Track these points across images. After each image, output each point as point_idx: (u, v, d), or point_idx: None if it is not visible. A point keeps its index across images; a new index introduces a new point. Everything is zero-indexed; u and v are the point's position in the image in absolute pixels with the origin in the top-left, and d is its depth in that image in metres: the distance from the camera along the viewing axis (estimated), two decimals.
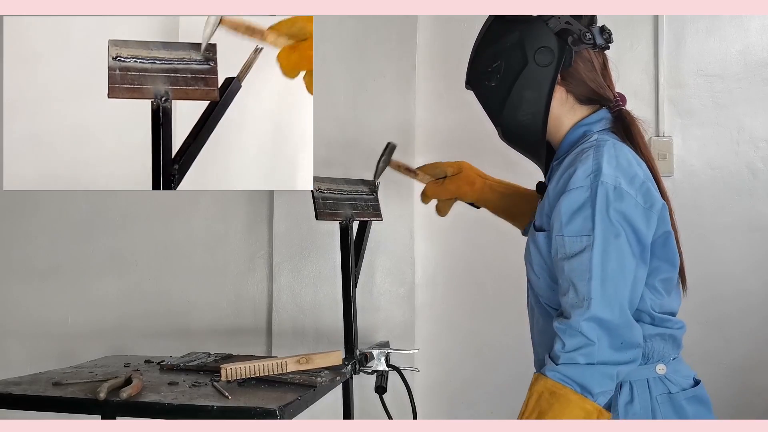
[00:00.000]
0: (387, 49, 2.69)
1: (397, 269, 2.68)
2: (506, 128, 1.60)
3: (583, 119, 1.58)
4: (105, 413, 1.69)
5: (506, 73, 1.57)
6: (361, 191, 2.20)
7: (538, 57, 1.54)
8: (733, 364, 2.61)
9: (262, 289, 2.81)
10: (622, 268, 1.40)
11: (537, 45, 1.54)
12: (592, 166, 1.43)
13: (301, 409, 1.63)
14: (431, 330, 2.74)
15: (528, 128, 1.57)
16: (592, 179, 1.42)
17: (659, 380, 1.49)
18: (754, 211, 2.64)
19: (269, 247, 2.79)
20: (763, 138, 2.65)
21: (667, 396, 1.48)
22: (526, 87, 1.55)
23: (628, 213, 1.41)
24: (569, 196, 1.43)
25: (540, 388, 1.39)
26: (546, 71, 1.54)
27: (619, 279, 1.39)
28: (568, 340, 1.37)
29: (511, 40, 1.56)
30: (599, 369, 1.36)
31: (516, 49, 1.55)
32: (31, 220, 2.94)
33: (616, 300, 1.39)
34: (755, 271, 2.62)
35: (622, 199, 1.41)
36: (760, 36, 2.67)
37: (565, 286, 1.42)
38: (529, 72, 1.54)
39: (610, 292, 1.38)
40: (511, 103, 1.57)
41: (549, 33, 1.54)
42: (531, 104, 1.55)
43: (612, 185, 1.41)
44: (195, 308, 2.84)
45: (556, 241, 1.44)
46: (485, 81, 1.60)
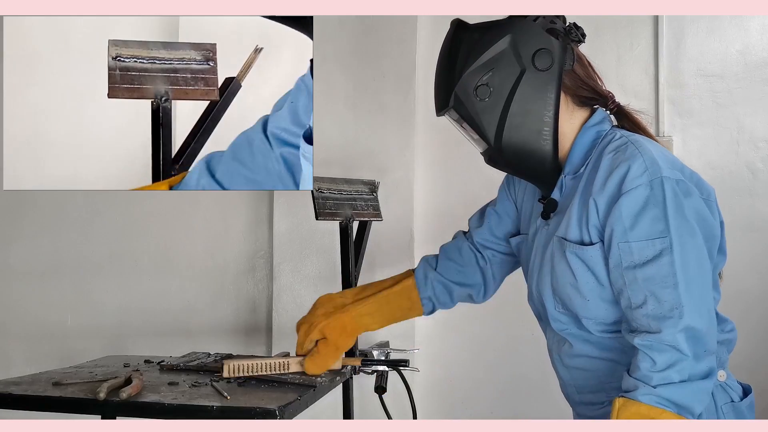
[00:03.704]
0: (387, 49, 2.69)
1: (397, 269, 2.67)
2: (508, 151, 1.40)
3: (586, 121, 1.44)
4: (105, 413, 1.69)
5: (501, 84, 1.37)
6: (361, 191, 2.20)
7: (537, 61, 1.37)
8: (733, 364, 2.60)
9: (262, 289, 2.81)
10: (702, 268, 1.27)
11: (533, 47, 1.37)
12: (645, 161, 1.29)
13: (301, 409, 1.63)
14: (431, 330, 2.74)
15: (534, 145, 1.39)
16: (651, 174, 1.27)
17: (721, 388, 1.38)
18: (754, 211, 2.64)
19: (269, 247, 2.79)
20: (763, 138, 2.65)
21: (731, 405, 1.37)
22: (528, 97, 1.37)
23: (698, 207, 1.29)
24: (629, 197, 1.27)
25: (632, 416, 1.22)
26: (549, 75, 1.37)
27: (702, 281, 1.27)
28: (658, 356, 1.22)
29: (501, 46, 1.37)
30: (696, 385, 1.23)
31: (509, 56, 1.37)
32: (31, 220, 2.94)
33: (704, 305, 1.26)
34: (755, 270, 2.62)
35: (690, 194, 1.29)
36: (760, 36, 2.67)
37: (639, 298, 1.27)
38: (529, 79, 1.37)
39: (698, 296, 1.25)
40: (512, 117, 1.38)
41: (541, 32, 1.38)
42: (535, 115, 1.38)
43: (674, 179, 1.28)
44: (195, 308, 2.85)
45: (620, 248, 1.28)
46: (476, 98, 1.39)
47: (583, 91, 1.44)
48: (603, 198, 1.32)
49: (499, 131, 1.39)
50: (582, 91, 1.44)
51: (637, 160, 1.30)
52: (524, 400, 2.65)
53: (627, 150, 1.33)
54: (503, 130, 1.39)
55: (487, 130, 1.40)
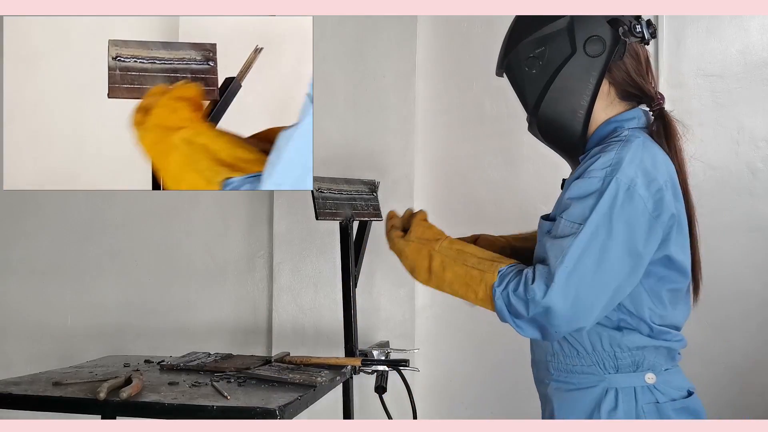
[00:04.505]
0: (387, 49, 2.69)
1: (397, 269, 2.67)
2: (542, 120, 1.50)
3: (617, 115, 1.49)
4: (105, 413, 1.69)
5: (550, 60, 1.46)
6: (361, 191, 2.20)
7: (588, 46, 1.44)
8: (734, 364, 2.61)
9: (262, 289, 2.81)
10: (600, 267, 1.33)
11: (588, 33, 1.44)
12: (613, 158, 1.36)
13: (301, 409, 1.63)
14: (431, 330, 2.74)
15: (568, 121, 1.48)
16: (608, 172, 1.35)
17: (647, 389, 1.43)
18: (754, 211, 2.63)
19: (269, 247, 2.79)
20: (763, 138, 2.65)
21: (654, 405, 1.42)
22: (571, 77, 1.45)
23: (631, 218, 1.34)
24: (582, 181, 1.37)
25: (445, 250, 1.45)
26: (596, 62, 1.44)
27: (589, 278, 1.33)
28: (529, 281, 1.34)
29: (559, 26, 1.45)
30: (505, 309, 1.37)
31: (564, 36, 1.45)
32: (31, 220, 2.94)
33: (581, 298, 1.33)
34: (755, 271, 2.62)
35: (632, 202, 1.34)
36: (760, 36, 2.67)
37: (540, 255, 1.38)
38: (576, 61, 1.44)
39: (574, 285, 1.32)
40: (552, 92, 1.47)
41: (601, 21, 1.44)
42: (574, 96, 1.46)
43: (626, 184, 1.34)
44: (195, 308, 2.85)
45: (558, 222, 1.38)
46: (525, 68, 1.49)
47: (628, 86, 1.49)
48: (570, 180, 1.43)
49: (538, 102, 1.49)
50: (627, 86, 1.49)
51: (608, 155, 1.38)
52: (524, 400, 2.64)
53: (611, 146, 1.40)
54: (542, 101, 1.48)
55: (528, 99, 1.51)
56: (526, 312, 1.35)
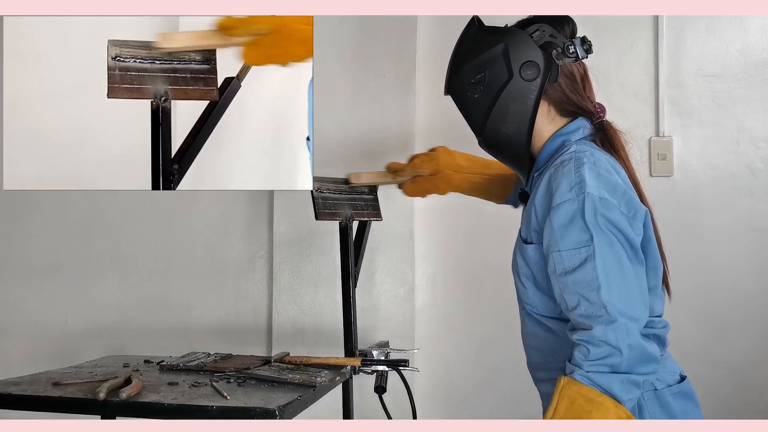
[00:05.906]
0: (387, 49, 2.69)
1: (397, 269, 2.68)
2: (489, 139, 1.60)
3: (561, 129, 1.59)
4: (105, 413, 1.69)
5: (490, 85, 1.56)
6: (361, 191, 2.20)
7: (523, 71, 1.53)
8: (733, 364, 2.61)
9: (262, 289, 2.81)
10: (622, 272, 1.41)
11: (522, 59, 1.53)
12: (575, 178, 1.45)
13: (301, 409, 1.63)
14: (431, 330, 2.74)
15: (512, 140, 1.57)
16: (577, 191, 1.43)
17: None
18: (754, 211, 2.63)
19: (269, 247, 2.79)
20: (763, 138, 2.65)
21: (653, 393, 1.48)
22: (511, 100, 1.55)
23: (615, 221, 1.42)
24: (558, 211, 1.44)
25: (573, 393, 1.36)
26: (531, 86, 1.53)
27: (624, 281, 1.41)
28: (593, 349, 1.37)
29: (495, 52, 1.55)
30: (624, 377, 1.36)
31: (500, 62, 1.54)
32: (31, 220, 2.94)
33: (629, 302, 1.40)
34: (755, 271, 2.62)
35: (609, 209, 1.42)
36: (760, 36, 2.67)
37: (574, 300, 1.42)
38: (514, 86, 1.54)
39: (618, 295, 1.39)
40: (495, 115, 1.56)
41: (533, 46, 1.54)
42: (515, 117, 1.55)
43: (597, 196, 1.42)
44: (195, 308, 2.84)
45: (554, 257, 1.45)
46: (468, 92, 1.59)
47: (565, 104, 1.59)
48: (540, 207, 1.51)
49: (482, 123, 1.59)
50: (565, 105, 1.59)
51: (569, 176, 1.46)
52: (524, 400, 2.65)
53: (566, 166, 1.48)
54: (486, 123, 1.58)
55: (474, 121, 1.61)
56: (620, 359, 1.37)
